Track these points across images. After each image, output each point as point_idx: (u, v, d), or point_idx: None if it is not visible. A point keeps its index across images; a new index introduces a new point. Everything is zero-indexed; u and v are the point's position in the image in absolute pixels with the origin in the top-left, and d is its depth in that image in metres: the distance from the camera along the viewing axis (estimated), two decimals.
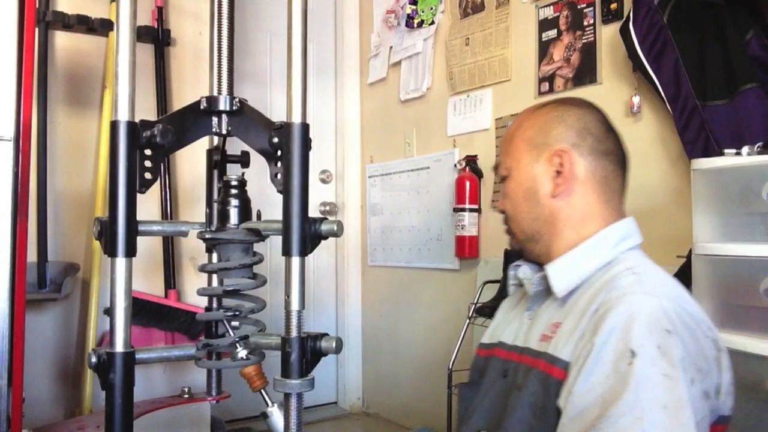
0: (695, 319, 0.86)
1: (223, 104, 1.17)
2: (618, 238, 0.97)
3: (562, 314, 0.94)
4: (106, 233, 1.03)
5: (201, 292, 1.23)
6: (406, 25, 2.66)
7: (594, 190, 0.99)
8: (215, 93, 1.20)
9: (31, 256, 2.02)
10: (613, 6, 1.89)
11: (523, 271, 1.06)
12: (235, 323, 1.17)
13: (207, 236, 1.18)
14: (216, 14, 1.22)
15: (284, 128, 1.03)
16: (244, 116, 1.17)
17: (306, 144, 1.03)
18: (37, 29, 2.08)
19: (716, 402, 0.87)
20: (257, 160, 1.18)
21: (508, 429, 0.91)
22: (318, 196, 2.95)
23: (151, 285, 2.35)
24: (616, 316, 0.82)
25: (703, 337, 0.85)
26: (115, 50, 1.02)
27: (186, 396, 1.83)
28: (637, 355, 0.78)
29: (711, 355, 0.86)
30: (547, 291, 0.99)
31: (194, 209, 2.46)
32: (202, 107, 1.17)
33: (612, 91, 1.89)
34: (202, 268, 1.23)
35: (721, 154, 1.21)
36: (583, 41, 1.98)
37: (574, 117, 1.01)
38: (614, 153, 1.01)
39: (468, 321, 2.01)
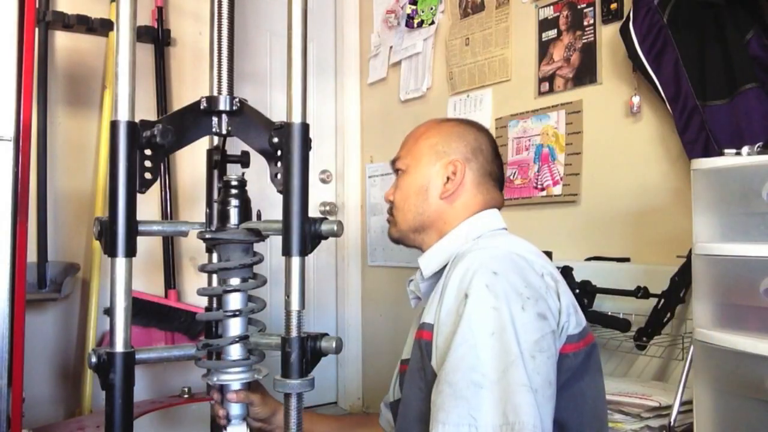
0: (525, 259, 1.02)
1: (223, 104, 1.17)
2: (481, 224, 1.15)
3: (426, 296, 1.13)
4: (106, 233, 1.03)
5: (201, 292, 1.23)
6: (406, 25, 2.66)
7: (475, 201, 1.17)
8: (215, 93, 1.20)
9: (31, 256, 2.02)
10: (613, 6, 1.89)
11: (415, 283, 1.21)
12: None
13: (207, 236, 1.18)
14: (216, 14, 1.21)
15: (284, 128, 1.03)
16: (244, 116, 1.17)
17: (306, 144, 1.03)
18: (37, 29, 2.08)
19: (557, 321, 0.99)
20: (257, 160, 1.17)
21: (404, 396, 1.07)
22: (318, 196, 2.95)
23: (151, 285, 2.35)
24: (455, 275, 0.99)
25: (532, 273, 1.01)
26: (115, 50, 1.02)
27: (186, 396, 1.83)
28: (469, 296, 0.95)
29: (541, 285, 1.00)
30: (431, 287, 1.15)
31: (194, 209, 2.46)
32: (202, 107, 1.17)
33: (612, 91, 1.89)
34: (202, 268, 1.23)
35: (721, 154, 1.21)
36: (583, 41, 1.98)
37: (472, 137, 1.19)
38: (496, 174, 1.21)
39: None
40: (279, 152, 1.05)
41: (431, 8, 2.56)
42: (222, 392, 1.19)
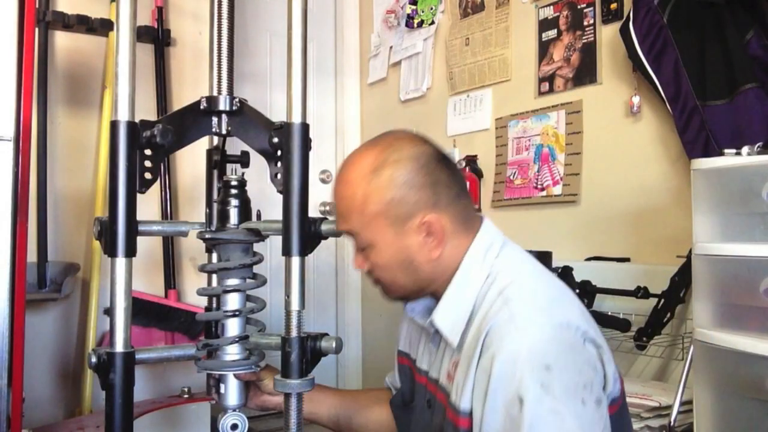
0: (571, 328, 0.90)
1: (223, 104, 1.17)
2: (481, 258, 1.00)
3: (459, 350, 0.98)
4: (106, 233, 1.03)
5: (201, 292, 1.23)
6: (406, 25, 2.66)
7: (461, 231, 1.01)
8: (215, 93, 1.20)
9: (31, 256, 2.02)
10: (613, 6, 1.89)
11: (417, 318, 1.10)
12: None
13: (207, 236, 1.18)
14: (216, 14, 1.21)
15: (284, 128, 1.03)
16: (244, 116, 1.17)
17: (306, 144, 1.03)
18: (37, 29, 2.08)
19: (606, 393, 0.91)
20: (257, 160, 1.17)
21: None
22: (318, 196, 2.95)
23: (151, 285, 2.35)
24: (499, 366, 0.86)
25: (583, 346, 0.90)
26: (115, 50, 1.02)
27: (186, 396, 1.83)
28: (524, 400, 0.84)
29: (594, 357, 0.90)
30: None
31: (194, 209, 2.46)
32: (202, 107, 1.17)
33: (612, 91, 1.89)
34: (202, 268, 1.23)
35: (721, 154, 1.21)
36: (583, 41, 1.98)
37: (419, 175, 0.98)
38: (460, 186, 1.03)
39: None
40: (279, 152, 1.05)
41: (431, 8, 2.56)
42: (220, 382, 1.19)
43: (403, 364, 1.20)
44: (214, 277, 1.26)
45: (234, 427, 1.15)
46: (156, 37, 2.41)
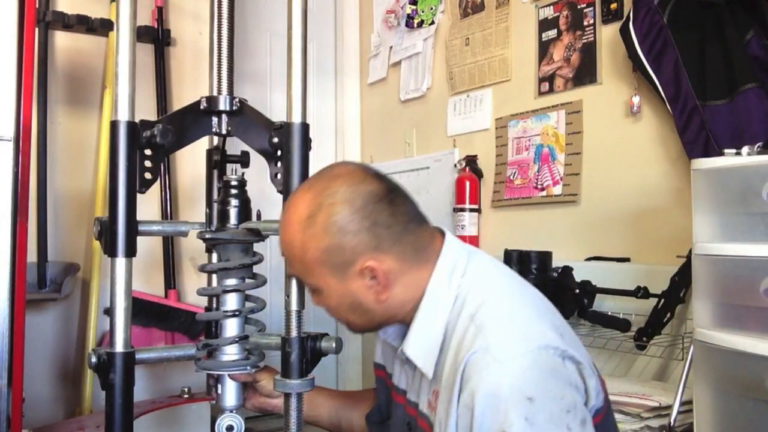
0: (549, 349, 0.88)
1: (223, 104, 1.17)
2: (446, 282, 0.96)
3: (436, 381, 0.95)
4: (106, 233, 1.03)
5: (201, 292, 1.23)
6: (406, 25, 2.66)
7: (415, 266, 0.97)
8: (215, 93, 1.20)
9: (31, 256, 2.02)
10: (613, 6, 1.88)
11: (390, 340, 1.07)
12: None
13: (207, 236, 1.18)
14: (216, 14, 1.22)
15: (284, 128, 1.03)
16: (244, 116, 1.17)
17: (306, 144, 1.03)
18: (37, 29, 2.08)
19: (590, 407, 0.90)
20: (257, 160, 1.17)
21: None
22: None
23: (151, 285, 2.35)
24: (481, 401, 0.84)
25: (563, 366, 0.88)
26: (115, 50, 1.02)
27: (186, 396, 1.82)
28: None
29: (574, 374, 0.89)
30: None
31: (194, 209, 2.45)
32: (202, 107, 1.17)
33: (612, 91, 1.89)
34: (202, 268, 1.23)
35: (721, 154, 1.21)
36: (583, 41, 1.98)
37: (355, 220, 0.93)
38: (406, 217, 0.97)
39: None
40: (279, 152, 1.05)
41: (431, 8, 2.56)
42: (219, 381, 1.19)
43: (379, 377, 1.18)
44: (214, 277, 1.26)
45: (229, 428, 1.15)
46: (156, 37, 2.41)
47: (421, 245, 0.98)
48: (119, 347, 1.02)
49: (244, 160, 1.32)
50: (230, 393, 1.19)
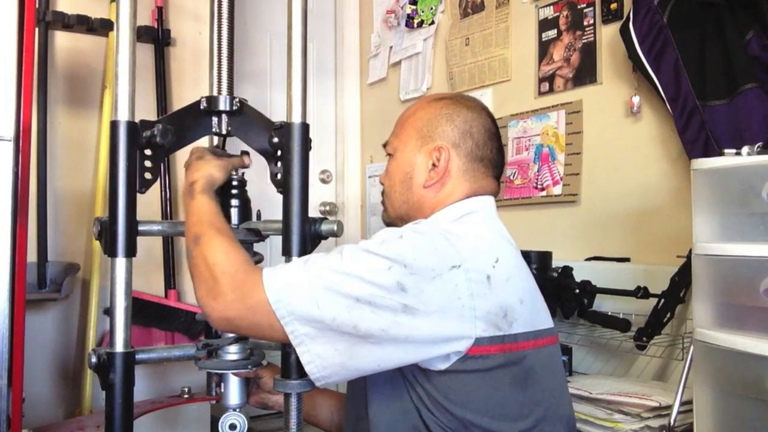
0: (452, 245, 0.94)
1: (223, 104, 1.17)
2: (447, 216, 1.07)
3: None
4: (106, 233, 1.03)
5: None
6: (406, 25, 2.66)
7: (460, 189, 1.10)
8: (215, 93, 1.20)
9: (31, 256, 2.02)
10: (613, 6, 1.89)
11: None
12: None
13: None
14: (216, 14, 1.22)
15: (284, 128, 1.03)
16: (244, 116, 1.17)
17: (306, 144, 1.03)
18: (37, 29, 2.08)
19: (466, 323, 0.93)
20: (257, 160, 1.18)
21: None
22: (318, 196, 2.95)
23: (151, 285, 2.35)
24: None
25: (450, 250, 0.94)
26: (115, 50, 1.02)
27: (186, 396, 1.82)
28: (361, 241, 0.95)
29: (445, 270, 0.92)
30: None
31: None
32: (202, 107, 1.17)
33: (612, 91, 1.89)
34: None
35: (721, 154, 1.21)
36: (583, 41, 1.98)
37: (462, 119, 1.11)
38: (489, 159, 1.12)
39: None
40: (279, 152, 1.05)
41: (431, 8, 2.56)
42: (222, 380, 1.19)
43: None
44: None
45: (232, 427, 1.15)
46: (156, 37, 2.41)
47: (478, 178, 1.11)
48: (119, 347, 1.02)
49: None
50: (233, 392, 1.19)
